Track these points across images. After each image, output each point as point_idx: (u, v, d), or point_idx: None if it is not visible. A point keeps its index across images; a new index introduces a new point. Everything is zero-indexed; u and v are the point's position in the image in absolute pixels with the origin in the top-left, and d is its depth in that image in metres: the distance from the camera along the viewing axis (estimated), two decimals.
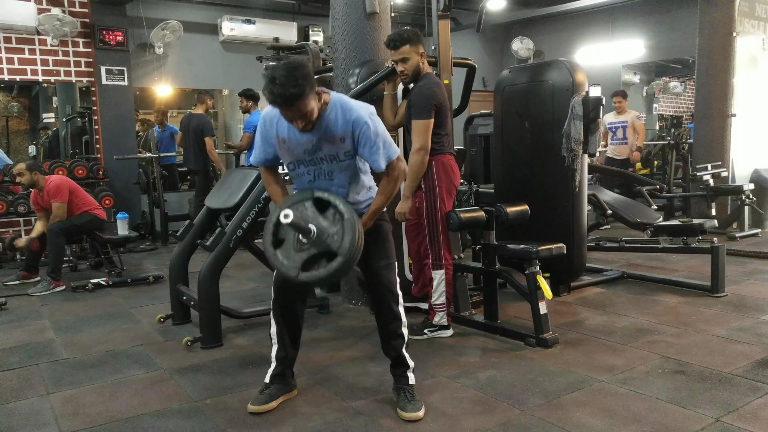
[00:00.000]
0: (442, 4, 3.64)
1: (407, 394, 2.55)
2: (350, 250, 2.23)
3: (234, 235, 3.47)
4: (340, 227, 2.26)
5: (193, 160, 6.72)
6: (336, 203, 2.30)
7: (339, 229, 2.26)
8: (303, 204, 2.33)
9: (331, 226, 2.27)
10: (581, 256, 4.16)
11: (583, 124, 3.85)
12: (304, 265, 2.26)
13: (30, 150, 7.70)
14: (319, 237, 2.25)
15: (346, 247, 2.23)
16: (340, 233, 2.25)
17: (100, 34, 7.00)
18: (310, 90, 2.18)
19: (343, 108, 2.34)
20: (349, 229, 2.25)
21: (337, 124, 2.33)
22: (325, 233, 2.26)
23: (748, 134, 7.26)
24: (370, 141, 2.34)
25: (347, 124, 2.33)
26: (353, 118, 2.32)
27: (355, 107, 2.36)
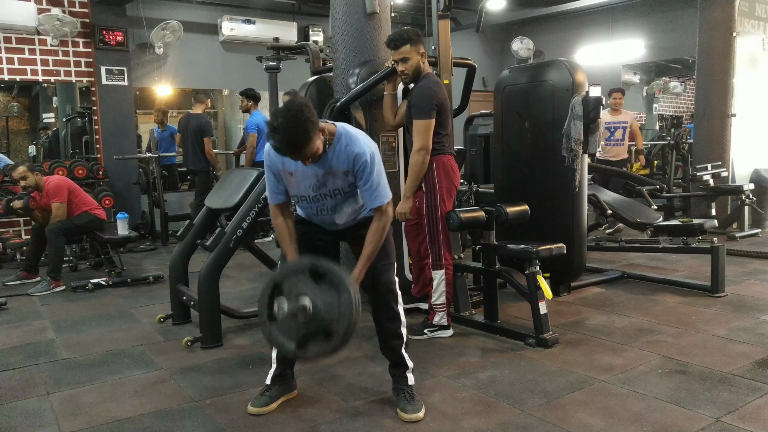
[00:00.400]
0: (442, 4, 3.64)
1: (407, 395, 2.55)
2: (347, 330, 2.19)
3: (234, 235, 3.47)
4: (337, 302, 2.19)
5: (193, 160, 6.72)
6: (332, 275, 2.23)
7: (335, 303, 2.19)
8: (299, 275, 2.26)
9: (328, 300, 2.20)
10: (581, 256, 4.16)
11: (583, 124, 3.84)
12: (301, 341, 2.22)
13: (30, 150, 7.70)
14: (315, 315, 2.19)
15: (344, 327, 2.18)
16: (337, 310, 2.19)
17: (100, 34, 7.00)
18: (314, 134, 2.19)
19: (348, 141, 2.35)
20: (346, 307, 2.18)
21: (341, 158, 2.35)
22: (322, 311, 2.19)
23: (748, 134, 7.26)
24: (366, 179, 2.36)
25: (350, 156, 2.34)
26: (355, 153, 2.34)
27: (360, 142, 2.37)
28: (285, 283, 2.24)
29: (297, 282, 2.23)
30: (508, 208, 3.55)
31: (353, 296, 2.19)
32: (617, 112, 7.25)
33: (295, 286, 2.23)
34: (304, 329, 2.20)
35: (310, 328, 2.20)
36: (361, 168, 2.35)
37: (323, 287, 2.22)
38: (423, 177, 3.34)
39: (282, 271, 2.33)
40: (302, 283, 2.23)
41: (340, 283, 2.20)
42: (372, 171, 2.36)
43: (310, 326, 2.20)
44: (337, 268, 2.25)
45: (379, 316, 2.60)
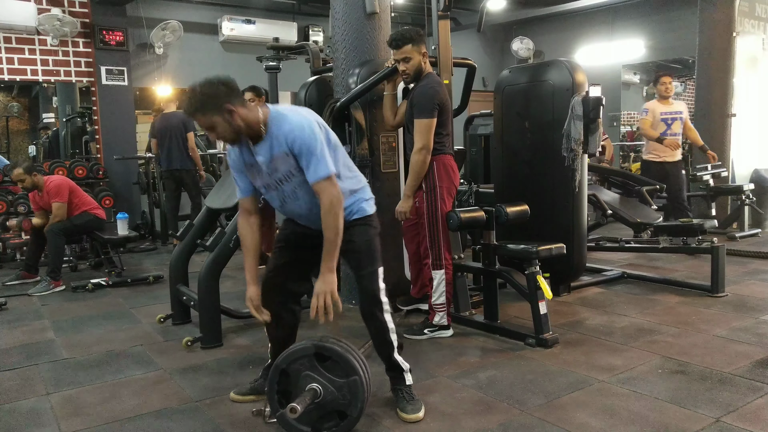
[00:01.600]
0: (442, 4, 3.64)
1: (405, 395, 2.54)
2: (359, 411, 2.26)
3: (234, 235, 3.47)
4: (346, 385, 2.24)
5: (180, 159, 6.53)
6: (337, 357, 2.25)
7: (345, 385, 2.24)
8: (305, 360, 2.27)
9: (337, 383, 2.25)
10: (581, 256, 4.16)
11: (583, 124, 3.84)
12: (315, 424, 2.27)
13: (30, 150, 7.70)
14: (325, 398, 2.24)
15: (357, 409, 2.25)
16: (346, 390, 2.24)
17: (100, 34, 7.00)
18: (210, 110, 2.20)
19: (279, 121, 2.28)
20: (356, 389, 2.24)
21: (278, 140, 2.28)
22: (332, 394, 2.24)
23: (748, 134, 7.26)
24: (300, 154, 2.26)
25: (283, 135, 2.27)
26: (285, 131, 2.26)
27: (289, 118, 2.28)
28: (291, 368, 2.27)
29: (303, 367, 2.27)
30: (508, 208, 3.55)
31: (362, 377, 2.25)
32: (667, 101, 5.91)
33: (302, 370, 2.27)
34: (317, 413, 2.26)
35: (323, 411, 2.26)
36: (294, 143, 2.25)
37: (329, 367, 2.26)
38: (423, 176, 3.34)
39: (286, 357, 2.30)
40: (308, 366, 2.27)
41: (346, 364, 2.25)
42: (304, 142, 2.24)
43: (323, 409, 2.26)
44: (341, 349, 2.27)
45: (366, 325, 2.56)
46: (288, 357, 2.30)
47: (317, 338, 2.32)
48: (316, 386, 2.24)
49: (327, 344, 2.27)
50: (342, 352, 2.25)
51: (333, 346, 2.27)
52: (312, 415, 2.25)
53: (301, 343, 2.32)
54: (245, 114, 2.25)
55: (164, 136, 6.54)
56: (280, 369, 2.28)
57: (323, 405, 2.25)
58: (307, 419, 2.25)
